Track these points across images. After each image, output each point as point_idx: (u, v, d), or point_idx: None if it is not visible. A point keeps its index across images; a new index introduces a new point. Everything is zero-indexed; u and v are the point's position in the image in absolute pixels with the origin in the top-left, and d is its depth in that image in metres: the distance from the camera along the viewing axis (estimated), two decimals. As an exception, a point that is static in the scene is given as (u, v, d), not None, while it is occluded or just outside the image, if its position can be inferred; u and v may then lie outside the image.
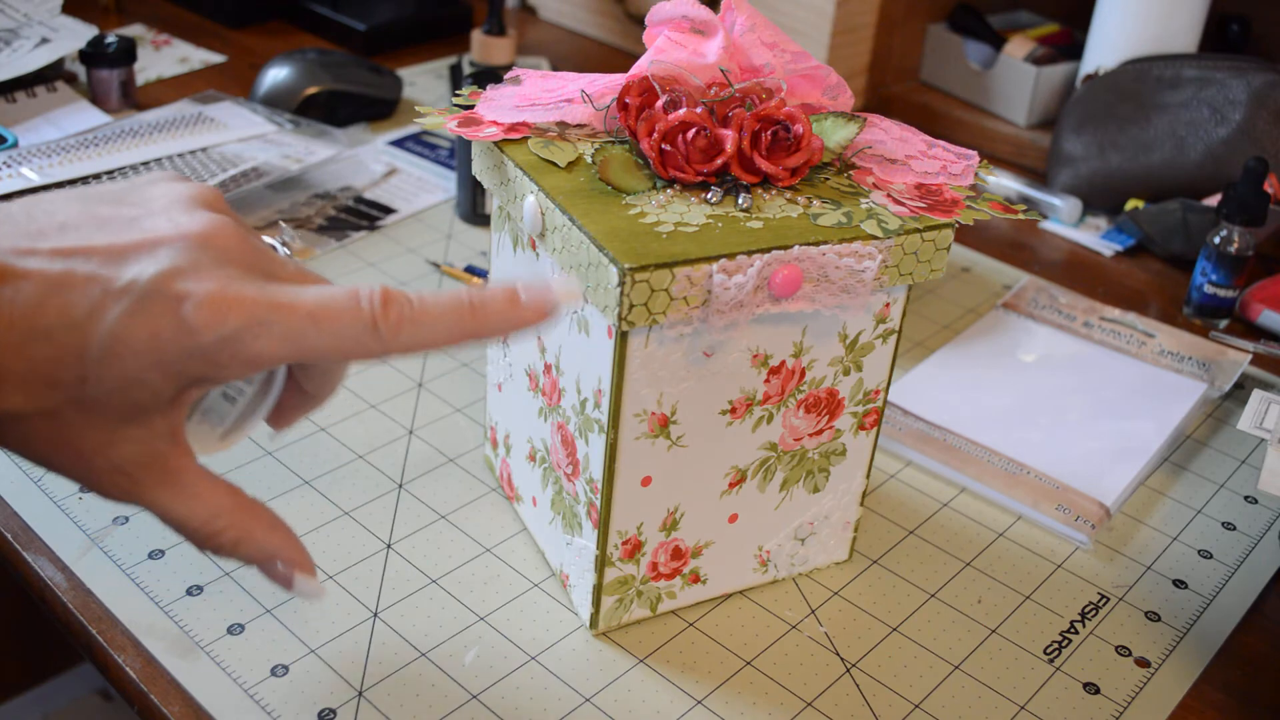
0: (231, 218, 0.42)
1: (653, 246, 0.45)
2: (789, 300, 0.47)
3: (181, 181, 0.43)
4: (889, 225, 0.48)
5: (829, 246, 0.47)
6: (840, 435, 0.54)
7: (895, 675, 0.53)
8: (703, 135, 0.49)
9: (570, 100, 0.53)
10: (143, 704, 0.50)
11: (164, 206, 0.41)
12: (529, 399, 0.56)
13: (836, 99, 0.54)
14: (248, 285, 0.39)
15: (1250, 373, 0.77)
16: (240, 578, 0.55)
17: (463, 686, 0.51)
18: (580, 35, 1.27)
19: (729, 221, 0.48)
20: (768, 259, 0.46)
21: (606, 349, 0.47)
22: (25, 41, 1.00)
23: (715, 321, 0.46)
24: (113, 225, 0.39)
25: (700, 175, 0.49)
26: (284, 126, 0.93)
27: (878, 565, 0.59)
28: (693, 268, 0.45)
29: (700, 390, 0.49)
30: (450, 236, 0.86)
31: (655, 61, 0.51)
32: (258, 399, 0.45)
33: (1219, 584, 0.60)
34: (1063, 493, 0.63)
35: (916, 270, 0.50)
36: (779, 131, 0.50)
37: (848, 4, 1.04)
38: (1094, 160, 0.95)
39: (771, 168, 0.50)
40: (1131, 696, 0.53)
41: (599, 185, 0.49)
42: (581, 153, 0.51)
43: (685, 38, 0.53)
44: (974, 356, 0.75)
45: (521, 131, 0.52)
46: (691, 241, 0.46)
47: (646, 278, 0.44)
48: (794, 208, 0.49)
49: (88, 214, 0.40)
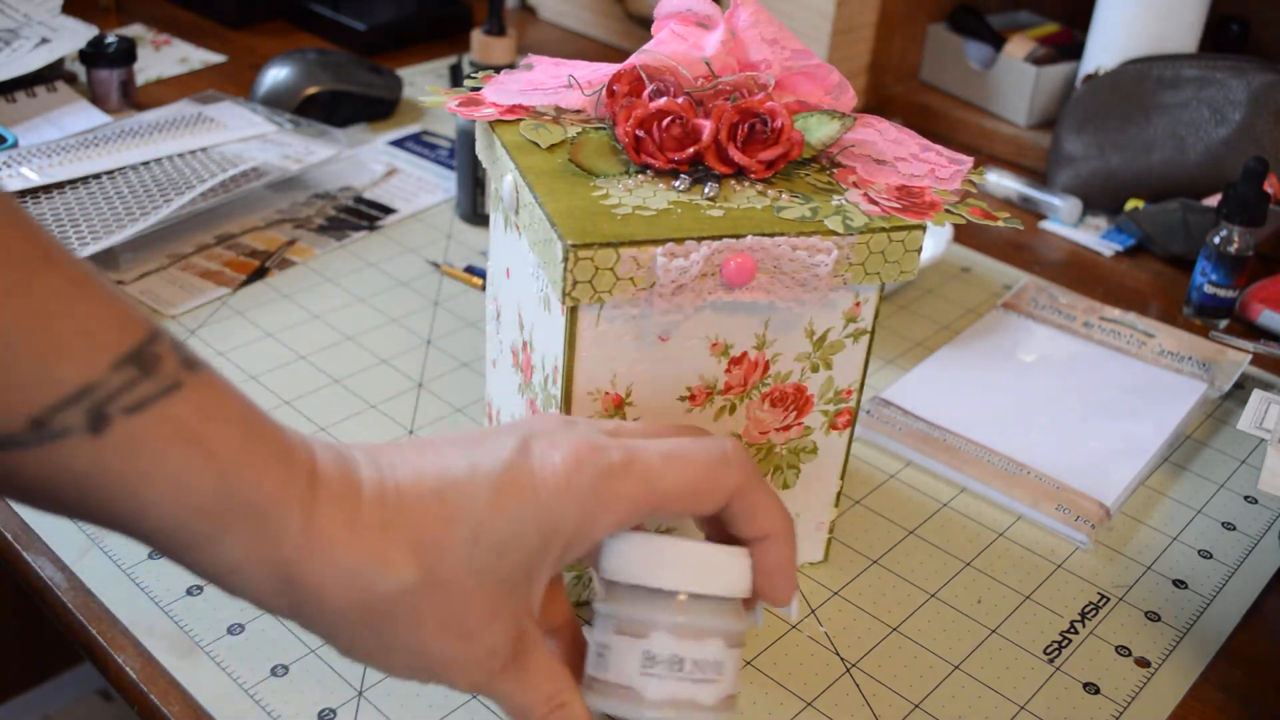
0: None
1: (604, 226, 0.46)
2: (743, 290, 0.47)
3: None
4: (853, 223, 0.48)
5: (784, 238, 0.47)
6: (810, 433, 0.54)
7: (895, 675, 0.53)
8: (678, 124, 0.50)
9: (570, 86, 0.54)
10: (143, 704, 0.50)
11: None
12: (512, 376, 0.57)
13: (838, 98, 0.54)
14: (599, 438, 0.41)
15: (1250, 373, 0.77)
16: (240, 578, 0.55)
17: (463, 686, 0.51)
18: (580, 35, 1.27)
19: (690, 209, 0.48)
20: (718, 246, 0.46)
21: (561, 325, 0.48)
22: (25, 41, 1.00)
23: (659, 304, 0.46)
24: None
25: (672, 162, 0.50)
26: (284, 126, 0.93)
27: (878, 565, 0.59)
28: (639, 249, 0.45)
29: (657, 374, 0.50)
30: (450, 236, 0.86)
31: (645, 52, 0.52)
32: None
33: (1219, 584, 0.60)
34: (1063, 493, 0.63)
35: (884, 270, 0.49)
36: (756, 124, 0.50)
37: (848, 4, 1.04)
38: (1094, 160, 0.95)
39: (745, 159, 0.50)
40: (1131, 696, 0.53)
41: (574, 167, 0.50)
42: (568, 136, 0.52)
43: (688, 30, 0.53)
44: (974, 356, 0.75)
45: (519, 114, 0.53)
46: (644, 224, 0.46)
47: (590, 255, 0.45)
48: (762, 200, 0.49)
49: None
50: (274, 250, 0.82)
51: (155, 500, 0.34)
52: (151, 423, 0.34)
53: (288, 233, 0.84)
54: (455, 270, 0.81)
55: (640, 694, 0.42)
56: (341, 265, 0.81)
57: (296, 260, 0.81)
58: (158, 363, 0.34)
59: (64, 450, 0.33)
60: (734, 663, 0.43)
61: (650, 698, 0.42)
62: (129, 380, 0.33)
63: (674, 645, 0.42)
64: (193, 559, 0.36)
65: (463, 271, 0.81)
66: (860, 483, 0.65)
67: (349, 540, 0.37)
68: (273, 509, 0.36)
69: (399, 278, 0.80)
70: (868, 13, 1.06)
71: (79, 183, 0.81)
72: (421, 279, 0.81)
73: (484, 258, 0.84)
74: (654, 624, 0.42)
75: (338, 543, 0.36)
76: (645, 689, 0.42)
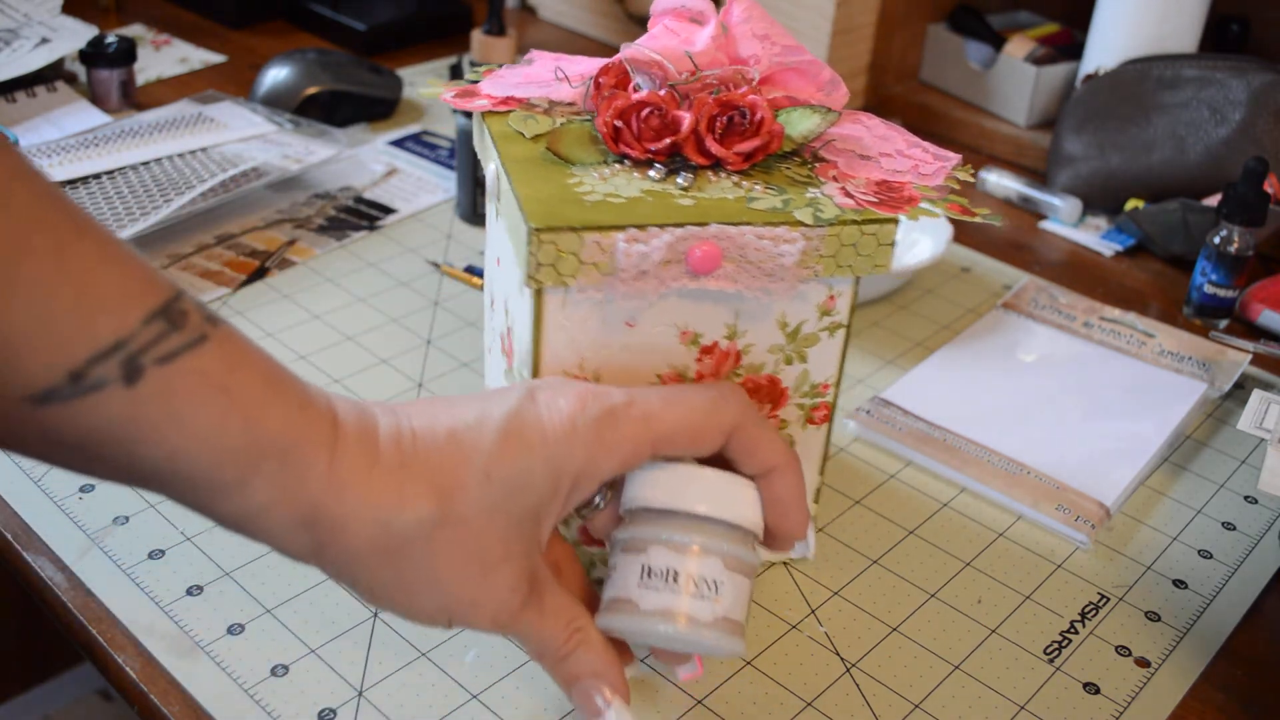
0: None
1: (571, 212, 0.47)
2: (709, 278, 0.48)
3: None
4: (823, 215, 0.48)
5: (749, 227, 0.47)
6: (786, 426, 0.54)
7: (895, 675, 0.53)
8: (656, 115, 0.50)
9: (563, 79, 0.55)
10: (143, 704, 0.50)
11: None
12: (500, 361, 0.58)
13: (830, 94, 0.54)
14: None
15: (1250, 373, 0.77)
16: (240, 578, 0.55)
17: (463, 686, 0.51)
18: (580, 35, 1.27)
19: (662, 197, 0.49)
20: (681, 234, 0.46)
21: (531, 308, 0.49)
22: (25, 41, 1.00)
23: (620, 289, 0.47)
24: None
25: (648, 153, 0.50)
26: (284, 126, 0.93)
27: (878, 565, 0.59)
28: (602, 234, 0.46)
29: (626, 360, 0.50)
30: (450, 236, 0.86)
31: (634, 46, 0.53)
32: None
33: (1219, 584, 0.60)
34: (1063, 493, 0.63)
35: (857, 264, 0.49)
36: (735, 117, 0.50)
37: (848, 4, 1.04)
38: (1094, 160, 0.95)
39: (722, 151, 0.50)
40: (1131, 696, 0.53)
41: (553, 156, 0.51)
42: (555, 126, 0.53)
43: (681, 26, 0.54)
44: (974, 356, 0.75)
45: (511, 105, 0.54)
46: (612, 210, 0.47)
47: (554, 239, 0.46)
48: (736, 191, 0.50)
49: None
50: (274, 250, 0.82)
51: (186, 448, 0.36)
52: (181, 373, 0.35)
53: (288, 233, 0.84)
54: (455, 270, 0.81)
55: (637, 604, 0.44)
56: (341, 265, 0.81)
57: (296, 260, 0.81)
58: (184, 317, 0.36)
59: (100, 402, 0.34)
60: (736, 589, 0.44)
61: (645, 607, 0.43)
62: (159, 334, 0.35)
63: (669, 559, 0.43)
64: (220, 506, 0.38)
65: (463, 271, 0.81)
66: (860, 483, 0.65)
67: (369, 479, 0.39)
68: (297, 452, 0.38)
69: (399, 278, 0.80)
70: (868, 13, 1.06)
71: (79, 183, 0.81)
72: (421, 279, 0.81)
73: (483, 257, 0.84)
74: (653, 539, 0.44)
75: (359, 481, 0.39)
76: (641, 600, 0.43)
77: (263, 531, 0.39)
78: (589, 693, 0.44)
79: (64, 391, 0.34)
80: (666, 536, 0.44)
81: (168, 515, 0.58)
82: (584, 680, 0.44)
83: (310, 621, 0.53)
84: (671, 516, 0.44)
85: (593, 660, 0.44)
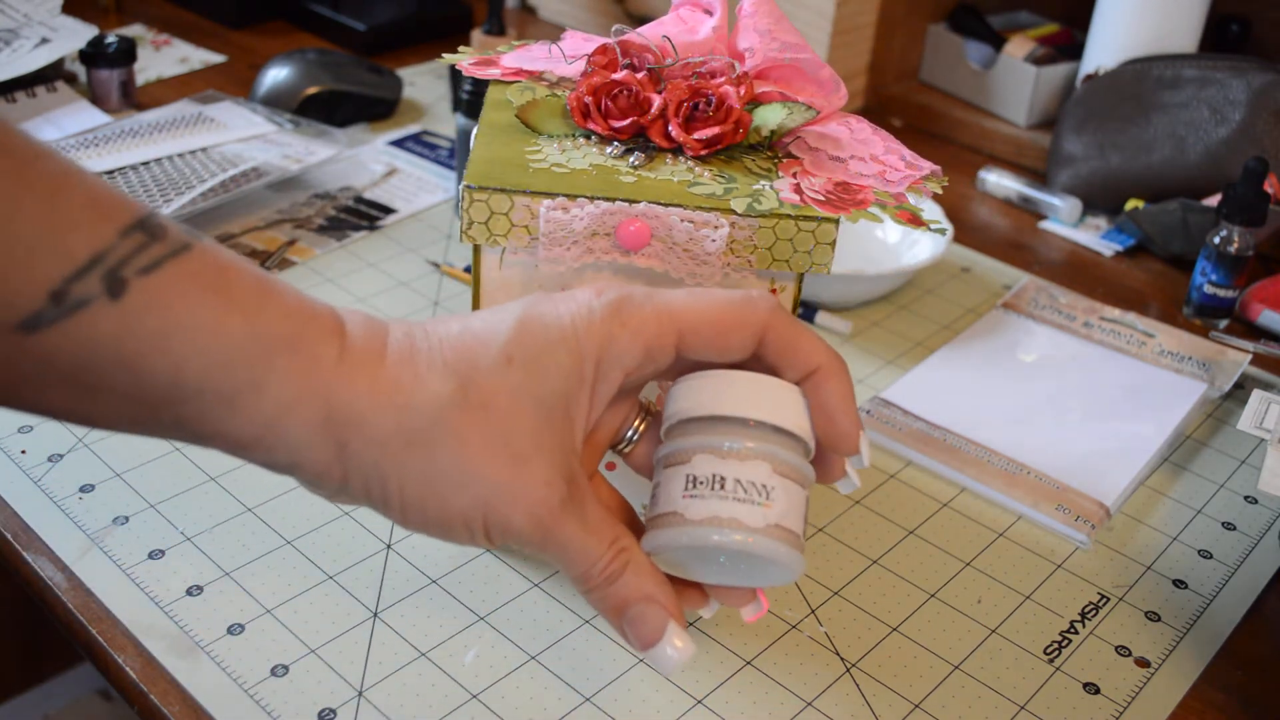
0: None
1: (510, 175, 0.48)
2: (638, 255, 0.48)
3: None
4: (760, 207, 0.48)
5: (677, 209, 0.48)
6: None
7: (895, 675, 0.53)
8: (625, 95, 0.51)
9: (570, 57, 0.57)
10: (143, 704, 0.50)
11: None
12: None
13: (830, 94, 0.54)
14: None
15: (1250, 373, 0.77)
16: (240, 578, 0.55)
17: (463, 686, 0.51)
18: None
19: (608, 172, 0.50)
20: (610, 208, 0.47)
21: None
22: (25, 41, 1.00)
23: (541, 253, 0.48)
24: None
25: (612, 130, 0.51)
26: (284, 126, 0.93)
27: (878, 565, 0.59)
28: (531, 199, 0.47)
29: None
30: (450, 236, 0.86)
31: (636, 32, 0.54)
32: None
33: (1219, 584, 0.60)
34: (1063, 493, 0.63)
35: (794, 259, 0.49)
36: (701, 104, 0.51)
37: (848, 4, 1.04)
38: (1094, 160, 0.95)
39: (683, 136, 0.51)
40: (1131, 696, 0.53)
41: (522, 125, 0.52)
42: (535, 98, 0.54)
43: (692, 15, 0.56)
44: (974, 356, 0.75)
45: (520, 77, 0.56)
46: (549, 179, 0.48)
47: (485, 198, 0.47)
48: (685, 175, 0.50)
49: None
50: (274, 250, 0.82)
51: (188, 354, 0.35)
52: (169, 279, 0.35)
53: (288, 233, 0.84)
54: (455, 270, 0.81)
55: (683, 515, 0.40)
56: (341, 265, 0.81)
57: (296, 260, 0.81)
58: (163, 230, 0.35)
59: (88, 320, 0.33)
60: (789, 496, 0.41)
61: (691, 517, 0.40)
62: (139, 245, 0.34)
63: (714, 465, 0.41)
64: (239, 419, 0.36)
65: (462, 271, 0.81)
66: (860, 483, 0.65)
67: (383, 367, 0.38)
68: (305, 343, 0.37)
69: (399, 278, 0.80)
70: (868, 13, 1.06)
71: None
72: (421, 279, 0.81)
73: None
74: (697, 448, 0.41)
75: (374, 370, 0.38)
76: (688, 510, 0.40)
77: (284, 445, 0.37)
78: (641, 618, 0.40)
79: (48, 314, 0.33)
80: (710, 443, 0.41)
81: (168, 515, 0.58)
82: (634, 604, 0.40)
83: (310, 621, 0.53)
84: (714, 423, 0.41)
85: (643, 582, 0.40)
